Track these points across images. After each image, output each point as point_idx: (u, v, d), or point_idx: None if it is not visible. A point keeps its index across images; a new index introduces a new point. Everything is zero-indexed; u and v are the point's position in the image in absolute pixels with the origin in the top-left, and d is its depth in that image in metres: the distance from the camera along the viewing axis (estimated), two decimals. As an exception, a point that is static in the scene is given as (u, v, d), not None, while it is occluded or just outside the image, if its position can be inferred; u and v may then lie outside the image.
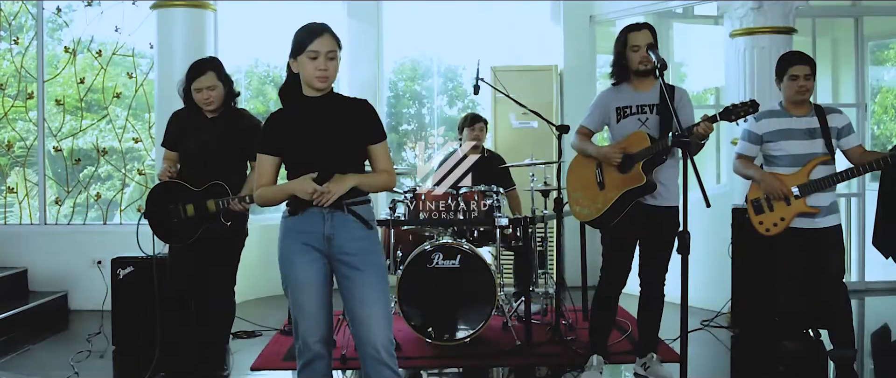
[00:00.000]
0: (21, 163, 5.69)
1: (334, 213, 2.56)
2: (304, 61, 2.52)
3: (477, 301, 4.09)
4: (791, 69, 3.67)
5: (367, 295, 2.55)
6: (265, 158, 2.62)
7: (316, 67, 2.50)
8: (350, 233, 2.57)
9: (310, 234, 2.57)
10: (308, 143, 2.56)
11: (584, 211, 3.61)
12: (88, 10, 5.62)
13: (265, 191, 2.62)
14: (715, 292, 4.91)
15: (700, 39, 6.50)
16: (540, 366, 3.96)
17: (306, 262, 2.57)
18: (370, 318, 2.53)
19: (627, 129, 3.48)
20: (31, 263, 5.43)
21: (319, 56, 2.50)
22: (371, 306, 2.54)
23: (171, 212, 3.60)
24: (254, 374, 3.90)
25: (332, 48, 2.52)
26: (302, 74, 2.55)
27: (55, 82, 5.68)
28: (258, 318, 4.91)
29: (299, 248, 2.57)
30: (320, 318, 2.59)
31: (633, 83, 3.52)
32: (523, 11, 6.53)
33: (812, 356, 4.00)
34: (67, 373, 3.85)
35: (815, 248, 3.70)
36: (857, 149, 3.70)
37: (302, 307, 2.58)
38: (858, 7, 6.01)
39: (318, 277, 2.58)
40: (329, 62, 2.52)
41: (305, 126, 2.57)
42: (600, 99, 3.60)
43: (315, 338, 2.58)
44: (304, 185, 2.48)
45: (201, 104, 3.63)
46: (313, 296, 2.58)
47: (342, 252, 2.56)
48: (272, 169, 2.63)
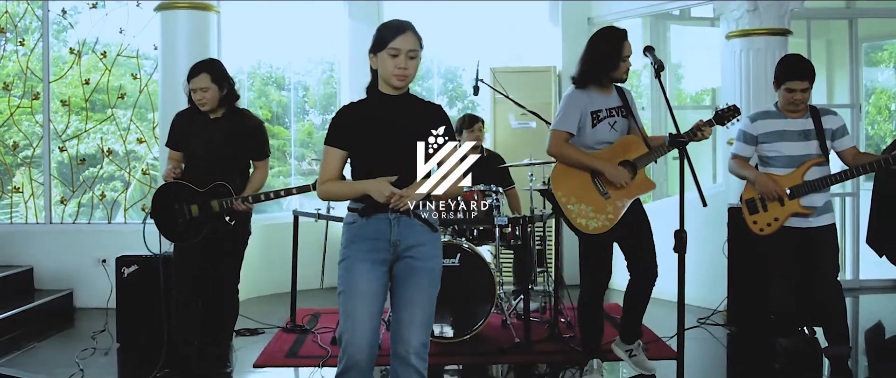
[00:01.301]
0: (27, 163, 5.69)
1: (401, 218, 2.48)
2: (384, 58, 2.44)
3: (476, 299, 4.08)
4: (789, 83, 3.60)
5: (416, 298, 2.49)
6: (333, 151, 2.50)
7: (396, 65, 2.42)
8: (416, 237, 2.50)
9: (376, 240, 2.48)
10: (381, 142, 2.47)
11: (592, 224, 3.40)
12: (93, 12, 5.62)
13: (333, 186, 2.51)
14: (711, 290, 4.91)
15: (697, 41, 6.50)
16: (538, 363, 3.95)
17: (367, 271, 2.47)
18: (411, 321, 2.48)
19: (602, 134, 3.44)
20: (37, 262, 5.42)
21: (400, 54, 2.42)
22: (415, 310, 2.49)
23: (176, 212, 3.60)
24: (256, 371, 3.90)
25: (413, 47, 2.45)
26: (380, 71, 2.47)
27: (61, 83, 5.68)
28: (261, 315, 4.91)
29: (363, 255, 2.47)
30: (368, 329, 2.46)
31: (598, 88, 3.46)
32: (522, 13, 6.53)
33: (807, 353, 4.00)
34: (72, 370, 3.84)
35: (809, 246, 3.70)
36: (851, 150, 3.70)
37: (352, 315, 2.46)
38: (853, 9, 6.02)
39: (375, 287, 2.48)
40: (409, 61, 2.44)
41: (380, 123, 2.47)
42: (575, 101, 3.43)
43: (359, 347, 2.44)
44: (382, 187, 2.37)
45: (198, 104, 3.65)
46: (366, 305, 2.46)
47: (406, 253, 2.50)
48: (339, 163, 2.51)
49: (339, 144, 2.50)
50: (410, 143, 2.45)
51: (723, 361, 4.16)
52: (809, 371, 3.84)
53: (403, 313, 2.50)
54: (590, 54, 3.44)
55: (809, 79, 3.60)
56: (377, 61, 2.48)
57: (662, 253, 3.45)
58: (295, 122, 6.59)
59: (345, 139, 2.50)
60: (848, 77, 6.04)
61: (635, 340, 3.66)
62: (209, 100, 3.62)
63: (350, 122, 2.50)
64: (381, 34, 2.47)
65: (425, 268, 2.51)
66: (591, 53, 3.43)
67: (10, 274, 5.19)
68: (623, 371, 3.86)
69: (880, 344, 4.45)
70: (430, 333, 2.54)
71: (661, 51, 5.93)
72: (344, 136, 2.50)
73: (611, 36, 3.42)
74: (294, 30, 6.16)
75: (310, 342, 4.34)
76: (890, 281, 5.79)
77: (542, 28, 6.44)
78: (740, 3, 4.85)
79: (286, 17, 6.01)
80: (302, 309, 4.95)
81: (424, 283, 2.50)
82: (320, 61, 6.66)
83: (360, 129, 2.48)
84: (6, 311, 4.63)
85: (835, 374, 3.70)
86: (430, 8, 6.38)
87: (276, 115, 6.60)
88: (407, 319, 2.49)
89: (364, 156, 2.50)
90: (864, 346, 4.35)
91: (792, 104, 3.64)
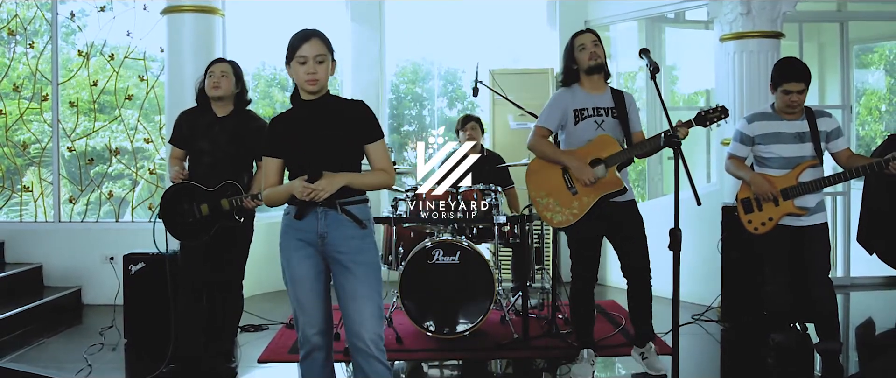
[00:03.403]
0: (36, 162, 5.68)
1: (328, 212, 2.57)
2: (295, 66, 2.54)
3: (476, 296, 4.08)
4: (785, 84, 3.59)
5: (358, 291, 2.56)
6: (269, 161, 2.66)
7: (305, 71, 2.52)
8: (343, 232, 2.58)
9: (305, 231, 2.59)
10: (303, 145, 2.58)
11: (556, 217, 3.52)
12: (101, 16, 5.61)
13: (271, 192, 2.65)
14: (705, 287, 4.90)
15: (691, 43, 6.49)
16: (536, 358, 3.95)
17: (302, 258, 2.60)
18: (360, 313, 2.55)
19: (585, 132, 3.49)
20: (46, 259, 5.42)
21: (308, 60, 2.51)
22: (361, 303, 2.55)
23: (185, 212, 3.60)
24: (260, 366, 3.90)
25: (320, 52, 2.52)
26: (294, 79, 2.58)
27: (69, 85, 5.67)
28: (265, 312, 4.91)
29: (295, 244, 2.61)
30: (317, 312, 2.63)
31: (585, 85, 3.55)
32: (520, 16, 6.52)
33: (799, 349, 4.00)
34: (81, 365, 3.84)
35: (801, 244, 3.69)
36: (845, 152, 3.69)
37: (299, 301, 2.62)
38: (844, 12, 6.01)
39: (312, 272, 2.61)
40: (318, 65, 2.52)
41: (302, 128, 2.59)
42: (557, 100, 3.58)
43: (313, 330, 2.63)
44: (296, 185, 2.50)
45: (210, 89, 3.64)
46: (309, 290, 2.61)
47: (335, 250, 2.58)
48: (276, 170, 2.66)
49: (271, 153, 2.65)
50: (329, 142, 2.56)
51: (717, 356, 4.16)
52: (801, 366, 3.84)
53: (349, 309, 2.58)
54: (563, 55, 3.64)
55: (805, 81, 3.59)
56: (292, 71, 2.57)
57: (658, 251, 3.43)
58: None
59: (276, 147, 2.64)
60: (839, 79, 6.03)
61: (645, 343, 3.66)
62: (224, 86, 3.64)
63: (279, 131, 2.63)
64: (290, 44, 2.56)
65: (358, 261, 2.58)
66: (564, 54, 3.64)
67: (20, 271, 5.19)
68: (618, 366, 3.86)
69: (870, 340, 4.45)
70: (382, 324, 2.62)
71: (656, 53, 5.91)
72: (274, 145, 2.64)
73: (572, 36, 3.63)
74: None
75: (313, 338, 4.33)
76: (880, 278, 5.79)
77: (540, 31, 6.43)
78: (733, 5, 4.85)
79: (290, 19, 6.01)
80: (305, 305, 4.94)
81: (361, 275, 2.57)
82: (323, 63, 6.64)
83: (287, 136, 2.61)
84: (16, 308, 4.63)
85: (826, 369, 3.70)
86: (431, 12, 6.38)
87: (280, 116, 6.58)
88: (356, 312, 2.56)
89: (293, 160, 2.62)
90: (855, 341, 4.34)
91: (788, 106, 3.63)
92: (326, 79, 2.57)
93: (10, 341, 4.35)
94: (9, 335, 4.44)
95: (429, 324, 4.08)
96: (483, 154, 5.00)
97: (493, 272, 4.11)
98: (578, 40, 3.55)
